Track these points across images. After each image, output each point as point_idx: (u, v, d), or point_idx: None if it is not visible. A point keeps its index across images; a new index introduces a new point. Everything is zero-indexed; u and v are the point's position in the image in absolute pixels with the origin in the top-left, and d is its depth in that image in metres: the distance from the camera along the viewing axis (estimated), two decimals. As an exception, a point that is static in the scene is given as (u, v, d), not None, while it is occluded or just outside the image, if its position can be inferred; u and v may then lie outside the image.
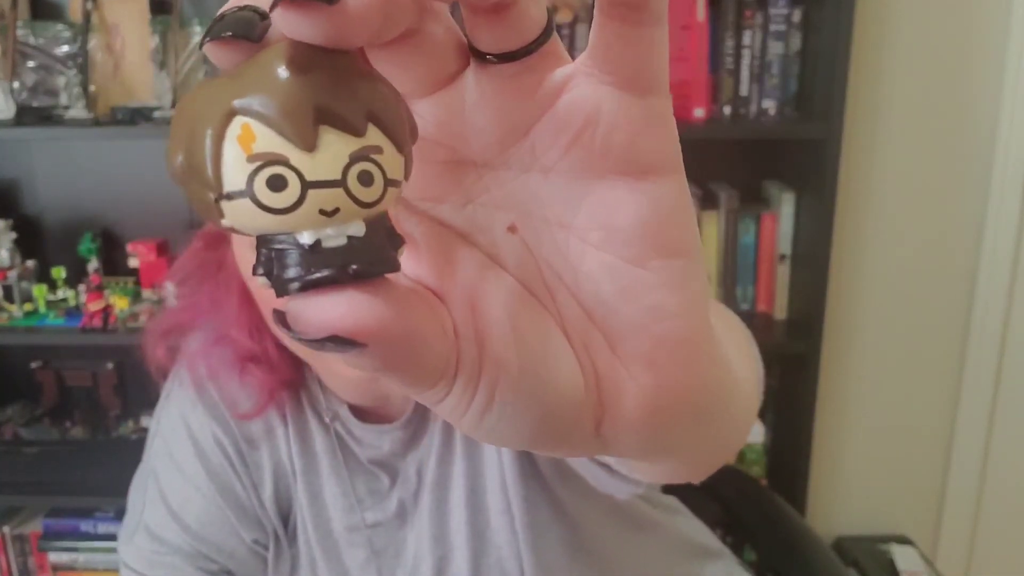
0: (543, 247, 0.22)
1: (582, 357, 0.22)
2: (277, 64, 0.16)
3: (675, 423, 0.23)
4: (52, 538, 1.60)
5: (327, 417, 0.69)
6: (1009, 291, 1.54)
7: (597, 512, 0.70)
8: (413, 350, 0.19)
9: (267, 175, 0.16)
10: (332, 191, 0.16)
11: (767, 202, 1.52)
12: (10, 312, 1.49)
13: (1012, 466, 1.63)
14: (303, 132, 0.16)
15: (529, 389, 0.21)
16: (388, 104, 0.18)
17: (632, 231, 0.21)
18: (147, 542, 0.67)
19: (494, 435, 0.22)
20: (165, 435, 0.70)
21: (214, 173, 0.16)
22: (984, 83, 1.48)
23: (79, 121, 1.39)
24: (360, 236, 0.17)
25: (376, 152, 0.17)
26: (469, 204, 0.22)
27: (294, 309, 0.18)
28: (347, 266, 0.17)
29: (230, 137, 0.16)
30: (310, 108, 0.16)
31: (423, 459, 0.69)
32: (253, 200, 0.16)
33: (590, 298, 0.22)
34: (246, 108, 0.16)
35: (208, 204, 0.17)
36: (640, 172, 0.21)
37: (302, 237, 0.17)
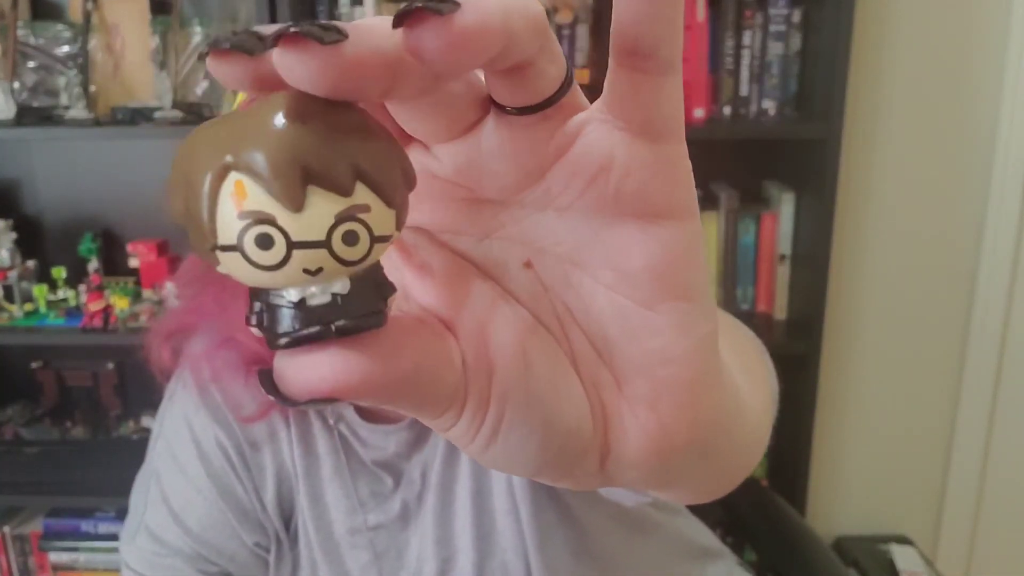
0: (556, 284, 0.22)
1: (591, 393, 0.22)
2: (273, 115, 0.17)
3: (679, 461, 0.23)
4: (52, 538, 1.60)
5: (331, 419, 0.69)
6: (1009, 291, 1.54)
7: (602, 516, 0.70)
8: (412, 388, 0.19)
9: (255, 233, 0.17)
10: (316, 252, 0.17)
11: (767, 202, 1.52)
12: (10, 312, 1.50)
13: (1012, 466, 1.63)
14: (290, 193, 0.16)
15: (536, 419, 0.21)
16: (380, 159, 0.18)
17: (642, 274, 0.21)
18: (148, 543, 0.67)
19: (500, 462, 0.22)
20: (168, 437, 0.70)
21: (209, 225, 0.17)
22: (984, 83, 1.48)
23: (79, 121, 1.39)
24: (344, 293, 0.18)
25: (363, 211, 0.17)
26: (486, 239, 0.23)
27: (278, 371, 0.18)
28: (331, 323, 0.17)
29: (224, 192, 0.17)
30: (298, 168, 0.16)
31: (428, 460, 0.69)
32: (243, 256, 0.17)
33: (599, 337, 0.22)
34: (239, 164, 0.17)
35: (205, 252, 0.17)
36: (652, 216, 0.21)
37: (289, 294, 0.17)
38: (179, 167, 0.18)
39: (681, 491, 0.33)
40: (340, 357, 0.18)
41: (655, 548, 0.74)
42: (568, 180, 0.21)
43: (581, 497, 0.68)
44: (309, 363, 0.18)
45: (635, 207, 0.21)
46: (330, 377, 0.18)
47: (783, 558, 0.96)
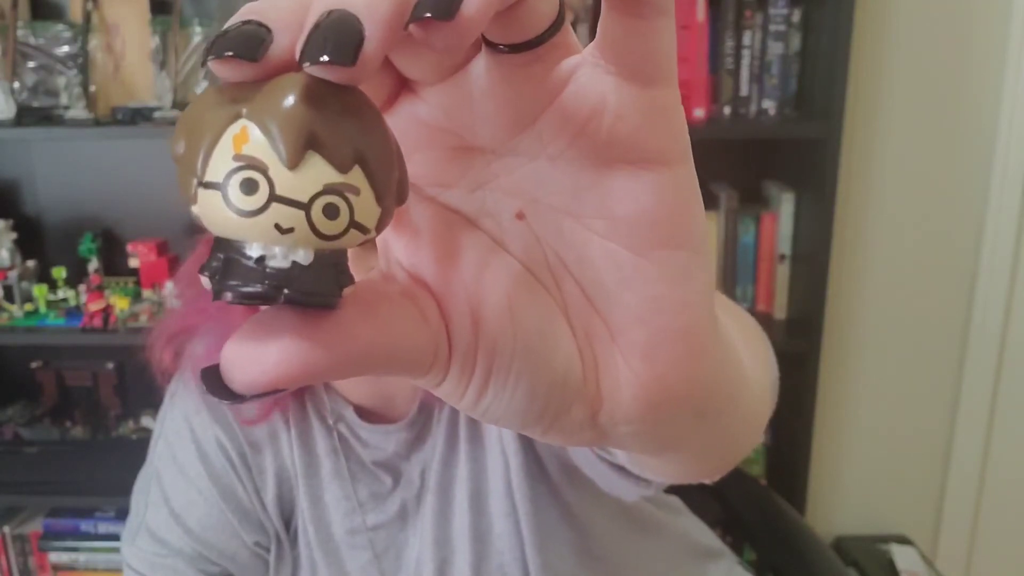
0: (549, 234, 0.22)
1: (583, 344, 0.22)
2: (290, 90, 0.17)
3: (674, 418, 0.23)
4: (52, 538, 1.60)
5: (331, 419, 0.69)
6: (1009, 291, 1.54)
7: (604, 515, 0.70)
8: (373, 361, 0.19)
9: (243, 176, 0.17)
10: (294, 211, 0.17)
11: (767, 202, 1.52)
12: (10, 312, 1.50)
13: (1012, 466, 1.63)
14: (290, 149, 0.17)
15: (525, 371, 0.21)
16: (381, 154, 0.18)
17: (635, 220, 0.21)
18: (149, 544, 0.67)
19: (491, 415, 0.22)
20: (169, 437, 0.70)
21: (203, 161, 0.17)
22: (984, 83, 1.48)
23: (79, 121, 1.39)
24: (304, 265, 0.17)
25: (352, 192, 0.18)
26: (478, 190, 0.22)
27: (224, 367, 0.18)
28: (281, 288, 0.17)
29: (228, 133, 0.17)
30: (306, 130, 0.17)
31: (427, 461, 0.69)
32: (223, 196, 0.17)
33: (593, 286, 0.22)
34: (251, 114, 0.17)
35: (188, 188, 0.18)
36: (645, 162, 0.21)
37: (251, 249, 0.17)
38: (193, 107, 0.18)
39: (677, 459, 0.32)
40: (283, 346, 0.18)
41: (656, 548, 0.74)
42: (560, 125, 0.21)
43: (582, 497, 0.68)
44: (252, 356, 0.18)
45: (628, 153, 0.20)
46: (272, 370, 0.18)
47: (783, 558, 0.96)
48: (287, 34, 0.18)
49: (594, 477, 0.61)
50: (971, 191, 1.53)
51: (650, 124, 0.20)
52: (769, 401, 0.42)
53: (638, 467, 0.40)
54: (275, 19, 0.18)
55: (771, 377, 0.46)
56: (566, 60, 0.20)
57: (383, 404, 0.69)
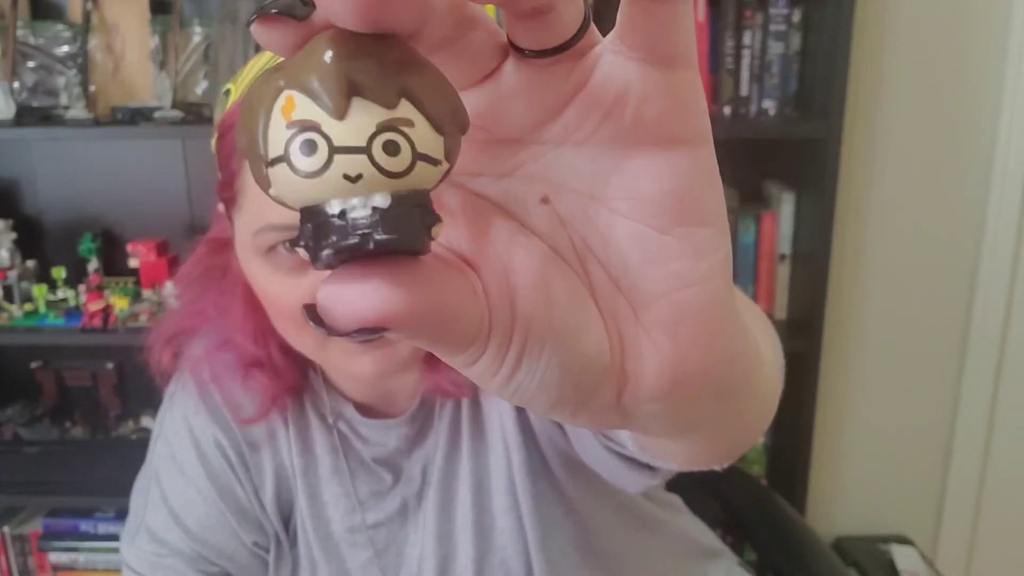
0: (574, 217, 0.23)
1: (609, 324, 0.23)
2: (323, 48, 0.18)
3: (697, 396, 0.24)
4: (52, 538, 1.60)
5: (331, 417, 0.69)
6: (1009, 291, 1.54)
7: (606, 512, 0.70)
8: (444, 322, 0.20)
9: (301, 140, 0.17)
10: (356, 157, 0.17)
11: (767, 202, 1.52)
12: (10, 312, 1.50)
13: (1012, 466, 1.63)
14: (335, 100, 0.17)
15: (557, 348, 0.22)
16: (428, 86, 0.18)
17: (659, 199, 0.21)
18: (149, 544, 0.67)
19: (522, 394, 0.23)
20: (168, 437, 0.70)
21: (263, 141, 0.18)
22: (984, 83, 1.48)
23: (79, 121, 1.39)
24: (384, 208, 0.18)
25: (406, 124, 0.18)
26: (505, 177, 0.23)
27: (323, 302, 0.18)
28: (371, 235, 0.18)
29: (276, 109, 0.18)
30: (344, 80, 0.17)
31: (429, 457, 0.69)
32: (289, 165, 0.18)
33: (617, 266, 0.22)
34: (291, 83, 0.18)
35: (262, 176, 0.18)
36: (669, 143, 0.21)
37: (331, 207, 0.18)
38: (244, 101, 0.19)
39: (695, 442, 0.33)
40: (383, 288, 0.18)
41: (657, 546, 0.74)
42: (585, 114, 0.21)
43: (585, 493, 0.68)
44: (354, 292, 0.18)
45: (652, 135, 0.21)
46: (373, 308, 0.18)
47: (783, 558, 0.96)
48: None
49: (600, 470, 0.61)
50: (971, 191, 1.53)
51: (674, 106, 0.21)
52: (779, 386, 0.43)
53: (652, 453, 0.40)
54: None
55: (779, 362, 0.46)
56: (591, 52, 0.21)
57: (383, 401, 0.69)
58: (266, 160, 0.18)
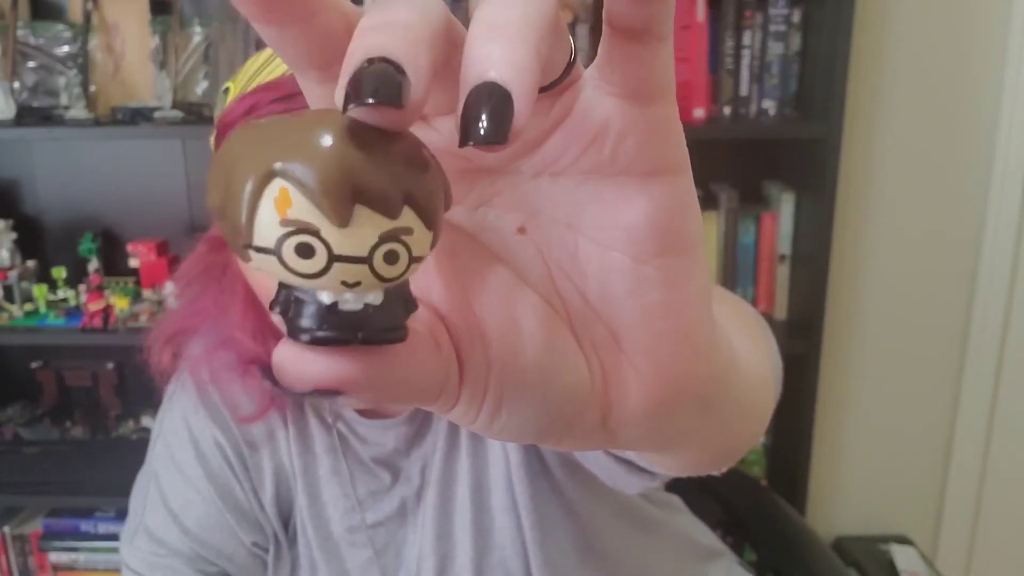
0: (552, 247, 0.23)
1: (589, 354, 0.23)
2: (326, 134, 0.17)
3: (680, 414, 0.24)
4: (52, 538, 1.60)
5: (330, 417, 0.69)
6: (1009, 291, 1.54)
7: (605, 512, 0.70)
8: (400, 384, 0.19)
9: (297, 241, 0.16)
10: (357, 267, 0.17)
11: (767, 202, 1.52)
12: (10, 312, 1.50)
13: (1012, 466, 1.63)
14: (338, 208, 0.16)
15: (536, 387, 0.22)
16: (428, 186, 0.18)
17: (638, 229, 0.21)
18: (148, 544, 0.67)
19: (505, 434, 0.23)
20: (167, 437, 0.70)
21: (247, 226, 0.17)
22: (984, 83, 1.48)
23: (79, 121, 1.39)
24: (376, 305, 0.18)
25: (406, 234, 0.17)
26: (481, 207, 0.23)
27: (278, 363, 0.18)
28: (356, 331, 0.17)
29: (267, 197, 0.16)
30: (349, 185, 0.16)
31: (428, 456, 0.69)
32: (279, 260, 0.17)
33: (596, 295, 0.22)
34: (287, 173, 0.16)
35: (237, 247, 0.17)
36: (647, 174, 0.21)
37: (322, 296, 0.17)
38: (222, 162, 0.17)
39: (684, 454, 0.33)
40: (339, 355, 0.18)
41: (657, 546, 0.74)
42: (565, 145, 0.21)
43: (583, 493, 0.68)
44: (310, 358, 0.18)
45: (630, 166, 0.21)
46: (328, 373, 0.18)
47: (783, 558, 0.96)
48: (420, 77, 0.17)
49: (598, 472, 0.62)
50: (971, 191, 1.53)
51: (652, 139, 0.21)
52: (772, 391, 0.43)
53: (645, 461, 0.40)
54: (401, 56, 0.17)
55: (774, 366, 0.46)
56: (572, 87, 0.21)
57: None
58: (249, 244, 0.17)
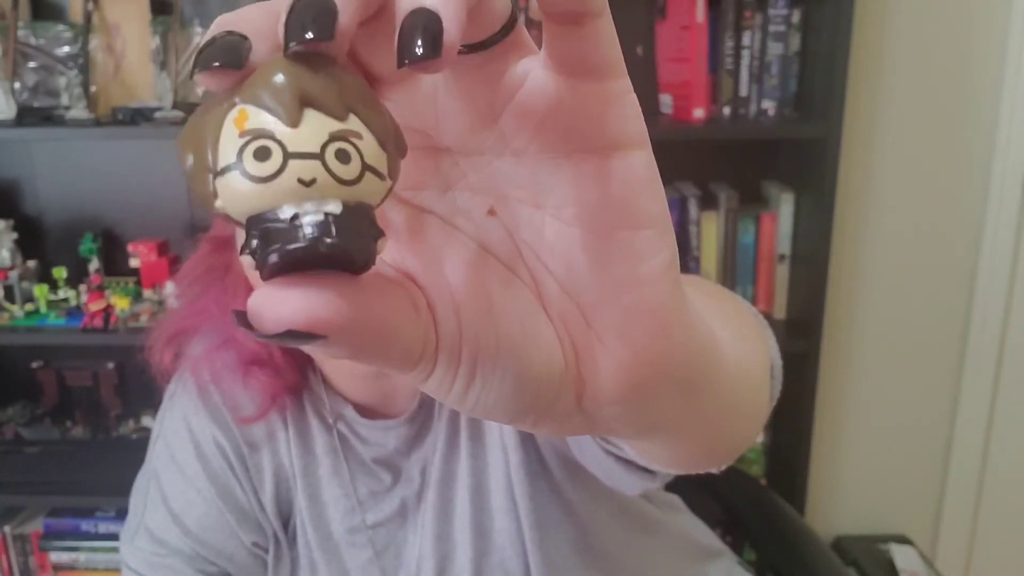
0: (520, 227, 0.23)
1: (561, 332, 0.23)
2: (275, 68, 0.19)
3: (657, 397, 0.24)
4: (53, 538, 1.60)
5: (330, 418, 0.69)
6: (1009, 290, 1.54)
7: (605, 513, 0.70)
8: (382, 337, 0.20)
9: (254, 147, 0.18)
10: (310, 162, 0.18)
11: (767, 202, 1.52)
12: (11, 312, 1.50)
13: (1012, 466, 1.63)
14: (288, 110, 0.18)
15: (509, 361, 0.22)
16: (373, 107, 0.19)
17: (600, 205, 0.22)
18: (148, 543, 0.68)
19: (479, 408, 0.23)
20: (167, 437, 0.70)
21: (212, 152, 0.18)
22: (984, 83, 1.48)
23: (80, 121, 1.40)
24: (337, 213, 0.18)
25: (355, 136, 0.19)
26: (449, 191, 0.23)
27: (253, 307, 0.19)
28: (323, 238, 0.18)
29: (228, 120, 0.18)
30: (297, 92, 0.18)
31: (428, 457, 0.69)
32: (241, 172, 0.18)
33: (565, 273, 0.23)
34: (245, 97, 0.19)
35: (205, 186, 0.19)
36: (605, 149, 0.21)
37: (283, 212, 0.18)
38: (189, 124, 0.19)
39: (672, 444, 0.33)
40: (315, 293, 0.18)
41: (657, 547, 0.74)
42: (520, 122, 0.22)
43: (583, 494, 0.68)
44: (284, 296, 0.18)
45: (587, 143, 0.21)
46: (303, 311, 0.18)
47: (782, 558, 0.96)
48: (263, 40, 0.19)
49: (597, 471, 0.62)
50: (971, 191, 1.53)
51: (605, 114, 0.21)
52: (767, 389, 0.42)
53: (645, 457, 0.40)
54: (249, 28, 0.19)
55: (773, 365, 0.46)
56: (522, 61, 0.21)
57: (383, 402, 0.69)
58: (214, 171, 0.18)
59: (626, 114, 0.21)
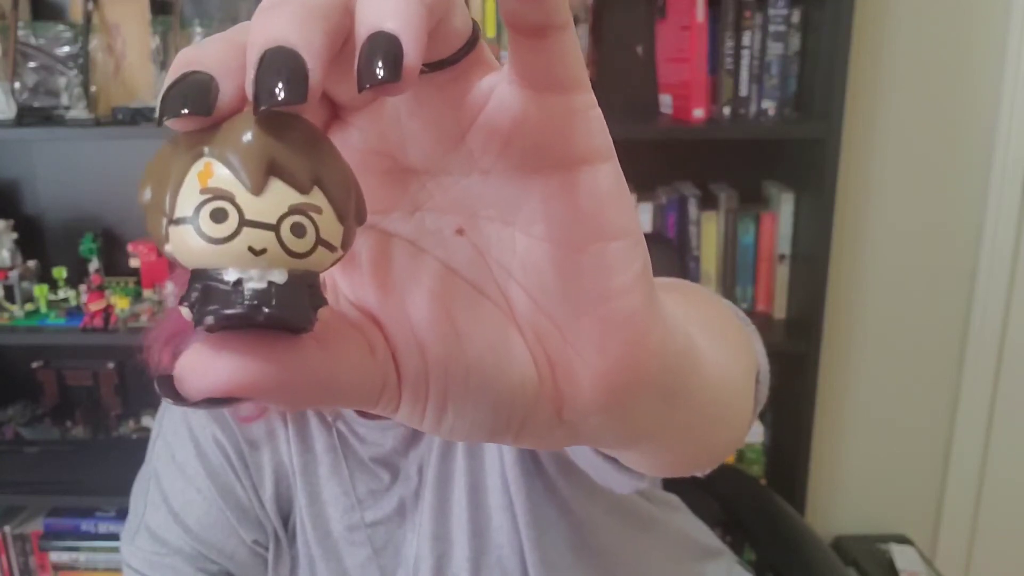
0: (491, 245, 0.23)
1: (534, 347, 0.23)
2: (247, 126, 0.19)
3: (637, 406, 0.24)
4: (53, 538, 1.60)
5: (330, 417, 0.69)
6: (1008, 290, 1.54)
7: (601, 510, 0.70)
8: (324, 387, 0.20)
9: (213, 207, 0.18)
10: (264, 233, 0.18)
11: (766, 202, 1.52)
12: (11, 312, 1.50)
13: (1011, 466, 1.63)
14: (253, 177, 0.18)
15: (480, 386, 0.22)
16: (339, 178, 0.19)
17: (570, 220, 0.22)
18: (149, 543, 0.68)
19: (456, 433, 0.23)
20: (167, 437, 0.70)
21: (171, 200, 0.18)
22: (984, 83, 1.48)
23: (80, 121, 1.40)
24: (280, 284, 0.18)
25: (315, 211, 0.19)
26: (416, 212, 0.23)
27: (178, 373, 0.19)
28: (261, 307, 0.18)
29: (193, 171, 0.18)
30: (265, 157, 0.18)
31: (424, 456, 0.69)
32: (195, 228, 0.18)
33: (537, 289, 0.23)
34: (213, 151, 0.18)
35: (159, 228, 0.19)
36: (573, 164, 0.21)
37: (228, 274, 0.18)
38: (156, 158, 0.19)
39: (655, 452, 0.33)
40: (240, 362, 0.18)
41: (654, 545, 0.74)
42: (486, 140, 0.22)
43: (578, 491, 0.68)
44: (209, 364, 0.18)
45: (554, 158, 0.21)
46: (226, 380, 0.18)
47: (782, 557, 0.96)
48: (230, 79, 0.19)
49: (588, 470, 0.62)
50: (971, 191, 1.53)
51: (571, 129, 0.21)
52: (750, 395, 0.42)
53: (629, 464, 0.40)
54: (214, 66, 0.19)
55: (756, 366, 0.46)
56: (485, 78, 0.21)
57: None
58: (170, 218, 0.18)
59: (592, 128, 0.21)
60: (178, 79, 0.18)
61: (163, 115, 0.18)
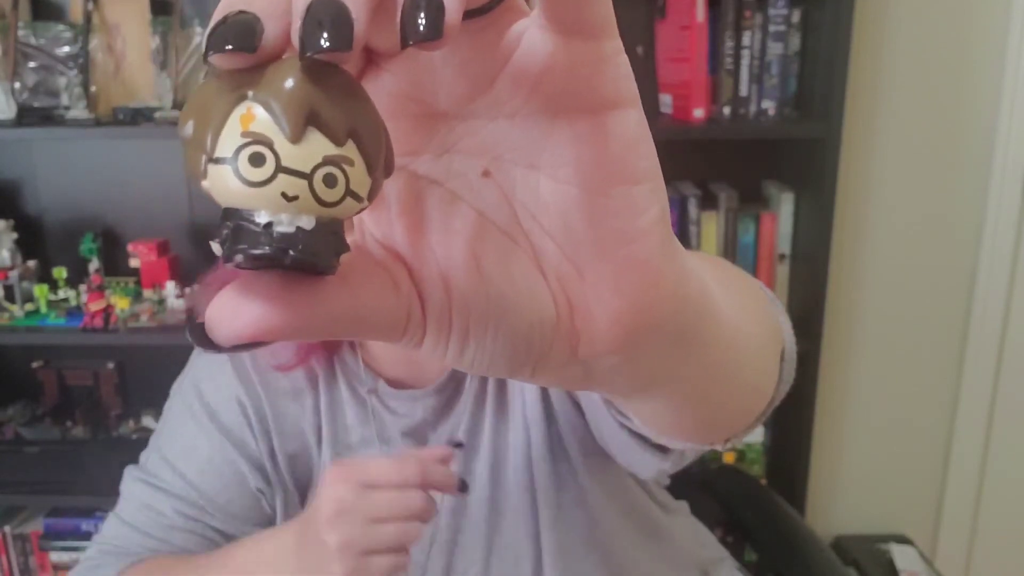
0: (516, 188, 0.23)
1: (554, 288, 0.24)
2: (291, 74, 0.19)
3: (648, 344, 0.25)
4: (53, 537, 1.60)
5: (363, 390, 0.72)
6: (1008, 290, 1.54)
7: (614, 511, 0.71)
8: (351, 321, 0.21)
9: (252, 151, 0.19)
10: (298, 180, 0.19)
11: (766, 202, 1.52)
12: (11, 312, 1.50)
13: (1011, 466, 1.63)
14: (293, 125, 0.19)
15: (501, 321, 0.23)
16: (373, 132, 0.20)
17: (594, 163, 0.22)
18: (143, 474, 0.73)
19: (478, 365, 0.24)
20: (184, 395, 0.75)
21: (212, 139, 0.19)
22: (984, 83, 1.48)
23: (80, 121, 1.40)
24: (308, 229, 0.19)
25: (347, 163, 0.20)
26: (444, 154, 0.24)
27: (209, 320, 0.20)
28: (287, 250, 0.19)
29: (235, 114, 0.19)
30: (306, 107, 0.19)
31: (453, 430, 0.71)
32: (234, 169, 0.19)
33: (559, 231, 0.23)
34: (257, 96, 0.19)
35: (198, 165, 0.20)
36: (599, 109, 0.22)
37: (259, 216, 0.19)
38: (200, 93, 0.20)
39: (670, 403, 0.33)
40: (267, 305, 0.19)
41: (661, 555, 0.75)
42: (515, 85, 0.22)
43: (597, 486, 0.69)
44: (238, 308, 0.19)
45: (581, 103, 0.22)
46: (253, 323, 0.19)
47: (782, 558, 0.96)
48: (275, 21, 0.19)
49: (614, 449, 0.63)
50: (971, 191, 1.53)
51: (599, 74, 0.21)
52: (771, 360, 0.42)
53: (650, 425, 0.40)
54: (261, 7, 0.19)
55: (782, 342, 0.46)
56: (516, 23, 0.22)
57: (413, 374, 0.72)
58: (210, 156, 0.19)
59: (619, 73, 0.22)
60: (224, 18, 0.19)
61: (208, 50, 0.19)
